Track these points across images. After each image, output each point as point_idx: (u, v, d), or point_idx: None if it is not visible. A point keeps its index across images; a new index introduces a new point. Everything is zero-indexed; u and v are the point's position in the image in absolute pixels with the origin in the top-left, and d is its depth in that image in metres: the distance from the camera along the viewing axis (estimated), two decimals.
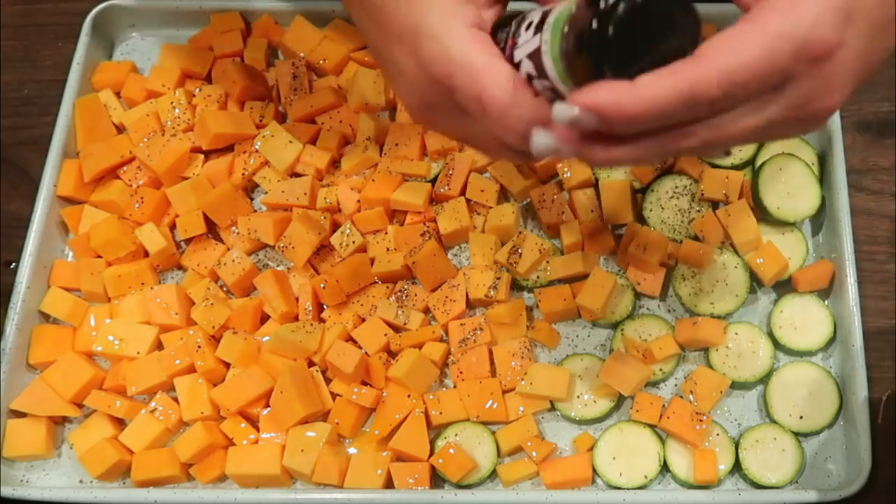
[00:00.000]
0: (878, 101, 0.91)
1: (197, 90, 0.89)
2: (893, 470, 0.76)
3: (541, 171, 0.85)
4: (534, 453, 0.76)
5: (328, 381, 0.78)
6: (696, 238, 0.82)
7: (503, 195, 0.86)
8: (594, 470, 0.76)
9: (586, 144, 0.46)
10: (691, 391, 0.77)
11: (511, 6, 0.54)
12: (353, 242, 0.82)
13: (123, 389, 0.78)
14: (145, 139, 0.85)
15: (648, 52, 0.43)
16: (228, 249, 0.83)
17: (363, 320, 0.80)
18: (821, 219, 0.85)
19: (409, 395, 0.77)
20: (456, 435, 0.77)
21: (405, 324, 0.79)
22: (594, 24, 0.42)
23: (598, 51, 0.43)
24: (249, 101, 0.88)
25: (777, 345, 0.80)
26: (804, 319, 0.80)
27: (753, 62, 0.43)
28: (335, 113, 0.88)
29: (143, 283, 0.81)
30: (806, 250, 0.83)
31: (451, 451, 0.75)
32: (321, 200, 0.84)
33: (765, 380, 0.79)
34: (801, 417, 0.77)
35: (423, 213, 0.83)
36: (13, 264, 0.82)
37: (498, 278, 0.80)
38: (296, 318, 0.80)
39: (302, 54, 0.90)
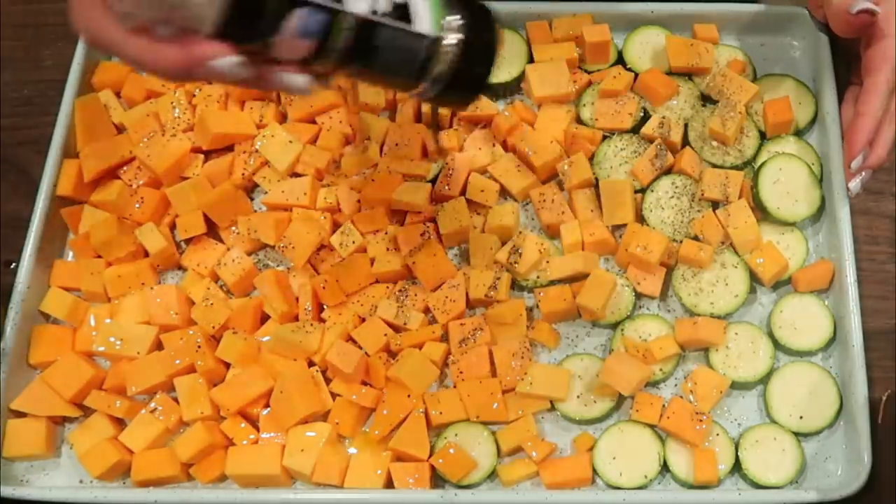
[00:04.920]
0: None
1: (197, 90, 0.89)
2: (893, 470, 0.76)
3: (540, 171, 0.85)
4: (534, 453, 0.76)
5: (328, 381, 0.78)
6: (696, 238, 0.82)
7: (503, 195, 0.86)
8: (594, 470, 0.76)
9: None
10: (691, 391, 0.77)
11: None
12: (353, 242, 0.82)
13: (123, 389, 0.78)
14: (145, 139, 0.85)
15: None
16: (228, 249, 0.83)
17: (363, 320, 0.80)
18: (821, 219, 0.85)
19: (409, 395, 0.77)
20: (456, 435, 0.77)
21: (405, 324, 0.79)
22: None
23: None
24: (249, 101, 0.88)
25: (777, 345, 0.80)
26: (804, 319, 0.80)
27: None
28: (335, 113, 0.88)
29: (143, 283, 0.81)
30: (806, 250, 0.83)
31: (451, 451, 0.75)
32: (321, 200, 0.84)
33: (765, 380, 0.79)
34: (801, 417, 0.77)
35: (423, 213, 0.83)
36: (13, 264, 0.82)
37: (498, 278, 0.80)
38: (296, 318, 0.80)
39: None
